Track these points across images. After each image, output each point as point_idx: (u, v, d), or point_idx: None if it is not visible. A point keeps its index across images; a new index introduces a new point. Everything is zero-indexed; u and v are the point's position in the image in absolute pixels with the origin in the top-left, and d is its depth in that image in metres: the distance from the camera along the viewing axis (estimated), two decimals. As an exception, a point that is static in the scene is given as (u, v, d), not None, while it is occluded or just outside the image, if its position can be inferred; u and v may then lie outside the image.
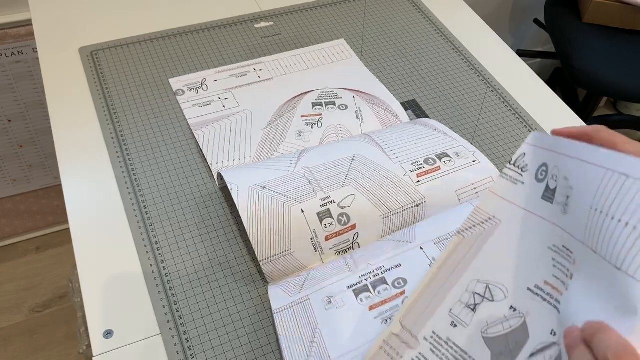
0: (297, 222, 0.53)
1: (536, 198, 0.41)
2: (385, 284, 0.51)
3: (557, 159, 0.38)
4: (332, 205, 0.54)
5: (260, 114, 0.70)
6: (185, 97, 0.72)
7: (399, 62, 0.80)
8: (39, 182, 1.36)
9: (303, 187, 0.55)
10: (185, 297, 0.53)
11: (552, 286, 0.38)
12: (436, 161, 0.59)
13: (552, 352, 0.37)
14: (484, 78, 0.78)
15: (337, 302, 0.50)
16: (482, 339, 0.41)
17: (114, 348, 0.50)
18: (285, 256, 0.53)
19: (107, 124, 0.68)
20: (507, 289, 0.42)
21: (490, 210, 0.43)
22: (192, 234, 0.58)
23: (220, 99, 0.72)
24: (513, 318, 0.40)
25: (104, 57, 0.76)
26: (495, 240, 0.43)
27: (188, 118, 0.69)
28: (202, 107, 0.71)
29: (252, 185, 0.55)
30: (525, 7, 1.68)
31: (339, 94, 0.73)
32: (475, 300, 0.43)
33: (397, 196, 0.56)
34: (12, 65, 1.14)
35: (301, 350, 0.47)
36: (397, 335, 0.45)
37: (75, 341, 1.29)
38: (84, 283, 0.54)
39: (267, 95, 0.73)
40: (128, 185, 0.62)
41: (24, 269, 1.40)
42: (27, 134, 1.26)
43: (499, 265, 0.42)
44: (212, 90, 0.73)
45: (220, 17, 0.84)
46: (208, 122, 0.69)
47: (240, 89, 0.74)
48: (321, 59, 0.79)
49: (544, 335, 0.38)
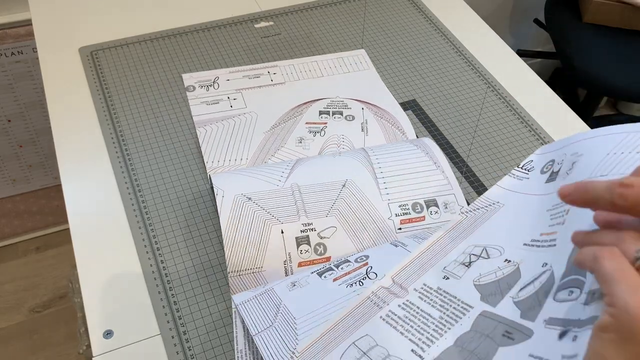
0: (274, 242, 0.53)
1: (540, 184, 0.43)
2: (348, 262, 0.51)
3: (566, 149, 0.40)
4: (312, 233, 0.54)
5: (266, 117, 0.70)
6: (194, 94, 0.72)
7: (399, 62, 0.80)
8: (39, 182, 1.36)
9: (288, 207, 0.55)
10: (185, 297, 0.53)
11: (548, 233, 0.39)
12: (423, 209, 0.58)
13: (541, 278, 0.37)
14: (484, 78, 0.78)
15: (301, 283, 0.50)
16: (474, 286, 0.42)
17: (114, 348, 0.50)
18: (255, 273, 0.52)
19: (107, 124, 0.68)
20: (503, 249, 0.43)
21: (494, 197, 0.46)
22: (192, 234, 0.58)
23: (229, 99, 0.72)
24: (506, 267, 0.41)
25: (104, 57, 0.76)
26: (497, 216, 0.45)
27: (193, 115, 0.69)
28: (209, 105, 0.71)
29: (238, 194, 0.55)
30: (525, 7, 1.68)
31: (348, 104, 0.72)
32: (471, 259, 0.44)
33: (375, 238, 0.56)
34: (12, 65, 1.14)
35: (265, 322, 0.46)
36: (386, 288, 0.45)
37: (75, 341, 1.29)
38: (84, 283, 0.54)
39: (276, 98, 0.73)
40: (128, 185, 0.62)
41: (24, 269, 1.40)
42: (27, 134, 1.26)
43: (498, 233, 0.44)
44: (222, 89, 0.73)
45: (220, 17, 0.84)
46: (212, 121, 0.69)
47: (251, 90, 0.73)
48: (337, 68, 0.78)
49: (536, 269, 0.39)
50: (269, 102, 0.72)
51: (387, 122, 0.71)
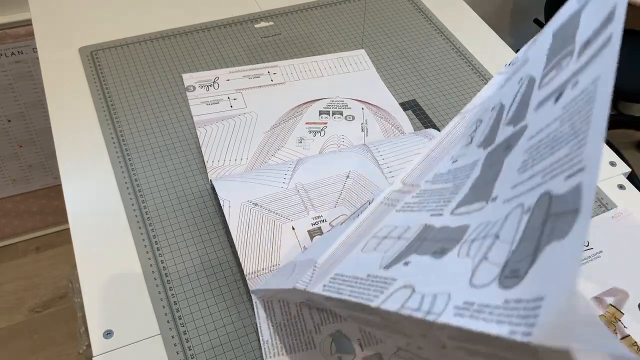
0: (287, 239, 0.53)
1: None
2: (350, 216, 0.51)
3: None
4: (324, 224, 0.54)
5: (266, 117, 0.70)
6: (194, 94, 0.72)
7: (399, 62, 0.80)
8: (39, 182, 1.36)
9: (295, 205, 0.55)
10: (185, 297, 0.53)
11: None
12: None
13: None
14: (484, 78, 0.78)
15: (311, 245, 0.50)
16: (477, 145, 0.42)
17: (114, 348, 0.50)
18: (273, 271, 0.53)
19: (107, 124, 0.68)
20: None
21: (486, 94, 0.47)
22: (192, 234, 0.58)
23: (229, 99, 0.72)
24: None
25: (104, 57, 0.76)
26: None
27: (193, 115, 0.69)
28: (209, 105, 0.71)
29: (244, 202, 0.55)
30: (525, 7, 1.69)
31: (348, 104, 0.72)
32: (473, 132, 0.44)
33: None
34: (12, 65, 1.14)
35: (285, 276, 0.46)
36: (397, 191, 0.45)
37: (75, 341, 1.29)
38: (84, 283, 0.54)
39: (276, 98, 0.73)
40: (128, 186, 0.62)
41: (24, 269, 1.40)
42: (27, 134, 1.26)
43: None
44: (223, 89, 0.73)
45: (220, 17, 0.84)
46: (212, 121, 0.69)
47: (251, 90, 0.73)
48: (337, 68, 0.78)
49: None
50: (269, 102, 0.72)
51: (387, 122, 0.71)
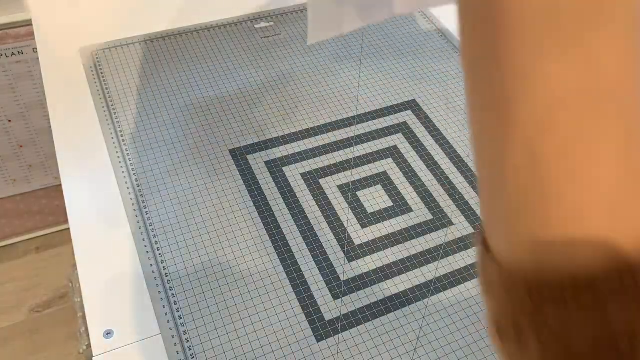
0: None
1: None
2: None
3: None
4: None
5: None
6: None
7: (399, 62, 0.80)
8: (39, 182, 1.36)
9: None
10: (185, 297, 0.53)
11: None
12: None
13: None
14: (484, 78, 0.78)
15: None
16: None
17: (114, 348, 0.50)
18: None
19: (107, 124, 0.68)
20: None
21: None
22: (193, 234, 0.58)
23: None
24: None
25: (104, 57, 0.76)
26: None
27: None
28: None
29: None
30: (525, 7, 1.69)
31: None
32: None
33: None
34: (12, 65, 1.14)
35: None
36: None
37: (75, 341, 1.28)
38: (84, 283, 0.54)
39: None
40: (128, 185, 0.62)
41: (24, 269, 1.40)
42: (27, 134, 1.26)
43: None
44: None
45: (220, 17, 0.84)
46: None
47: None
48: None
49: None
50: None
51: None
